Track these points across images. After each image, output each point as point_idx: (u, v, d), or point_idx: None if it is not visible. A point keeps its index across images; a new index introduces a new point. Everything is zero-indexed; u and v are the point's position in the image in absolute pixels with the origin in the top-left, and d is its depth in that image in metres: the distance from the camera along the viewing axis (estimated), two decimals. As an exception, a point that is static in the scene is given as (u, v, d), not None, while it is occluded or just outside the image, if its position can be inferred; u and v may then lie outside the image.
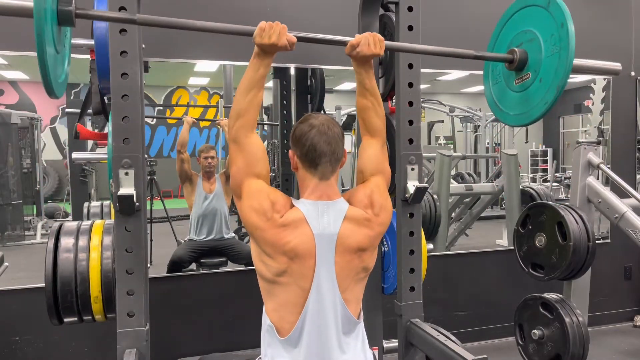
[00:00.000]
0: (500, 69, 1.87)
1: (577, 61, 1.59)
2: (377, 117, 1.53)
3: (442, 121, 6.98)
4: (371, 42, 1.46)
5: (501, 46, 1.86)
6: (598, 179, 3.11)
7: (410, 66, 1.98)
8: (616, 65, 1.89)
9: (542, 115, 1.69)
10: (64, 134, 5.44)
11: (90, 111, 2.11)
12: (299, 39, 1.43)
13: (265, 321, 1.40)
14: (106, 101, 2.06)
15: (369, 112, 1.52)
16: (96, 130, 3.04)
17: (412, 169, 1.95)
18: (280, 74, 3.65)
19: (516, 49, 1.73)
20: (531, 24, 1.72)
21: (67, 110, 4.51)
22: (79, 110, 2.28)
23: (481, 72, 2.02)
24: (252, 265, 1.41)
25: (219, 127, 3.99)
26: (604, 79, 4.03)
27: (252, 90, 1.38)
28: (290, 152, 1.44)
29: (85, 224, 1.96)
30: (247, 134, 1.38)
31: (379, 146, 1.52)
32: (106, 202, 3.61)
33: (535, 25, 1.69)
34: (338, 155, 1.41)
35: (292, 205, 1.38)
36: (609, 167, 3.37)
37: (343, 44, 1.51)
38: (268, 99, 3.96)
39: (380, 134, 1.53)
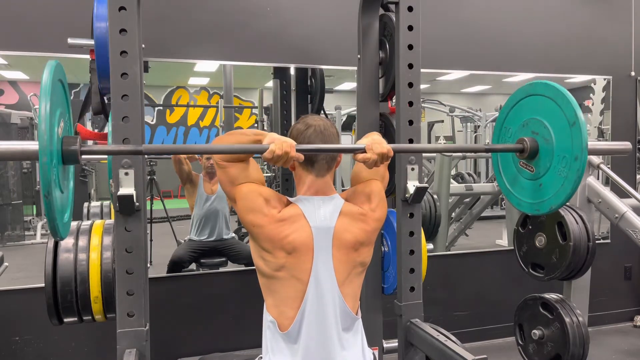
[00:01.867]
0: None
1: (590, 145, 1.48)
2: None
3: (442, 121, 6.97)
4: (379, 161, 1.42)
5: (515, 120, 1.75)
6: (598, 179, 3.11)
7: (410, 66, 1.98)
8: (625, 145, 1.84)
9: (533, 214, 1.67)
10: (64, 134, 5.41)
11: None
12: (306, 151, 1.39)
13: (267, 317, 1.42)
14: (106, 101, 2.06)
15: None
16: (96, 130, 3.04)
17: (412, 169, 1.95)
18: (280, 74, 3.65)
19: (526, 139, 1.62)
20: (550, 122, 1.58)
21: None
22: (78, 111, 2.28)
23: (481, 72, 2.01)
24: (252, 265, 1.42)
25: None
26: (604, 79, 4.03)
27: (244, 162, 1.41)
28: None
29: (85, 224, 1.97)
30: (234, 164, 1.41)
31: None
32: (106, 202, 3.61)
33: (555, 128, 1.57)
34: (334, 154, 1.45)
35: (289, 203, 1.41)
36: (609, 167, 3.37)
37: (352, 151, 1.45)
38: (268, 99, 3.96)
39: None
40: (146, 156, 2.07)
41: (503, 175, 1.81)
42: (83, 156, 1.30)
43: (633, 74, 3.95)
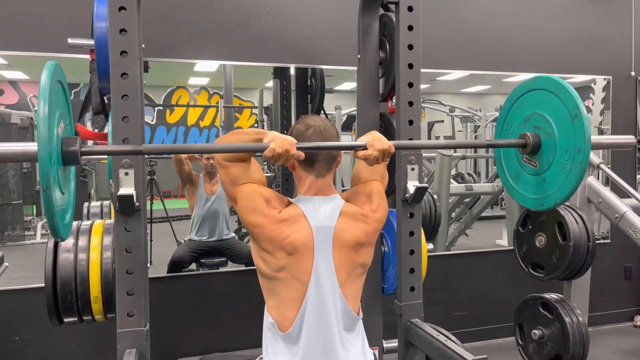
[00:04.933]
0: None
1: (593, 140, 1.48)
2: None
3: (442, 121, 6.97)
4: (380, 157, 1.42)
5: (517, 116, 1.75)
6: (598, 179, 3.11)
7: (410, 66, 1.98)
8: (629, 139, 1.85)
9: (537, 209, 1.65)
10: (64, 134, 5.41)
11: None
12: (307, 149, 1.39)
13: (267, 319, 1.41)
14: (106, 101, 2.06)
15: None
16: (96, 130, 3.04)
17: (412, 169, 1.95)
18: (280, 74, 3.65)
19: (528, 134, 1.62)
20: (552, 115, 1.58)
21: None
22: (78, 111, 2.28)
23: (481, 72, 2.01)
24: (252, 265, 1.42)
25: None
26: (604, 79, 4.03)
27: (245, 161, 1.41)
28: None
29: (85, 224, 1.97)
30: (235, 163, 1.42)
31: (379, 164, 1.53)
32: (106, 202, 3.61)
33: (557, 122, 1.56)
34: (333, 154, 1.45)
35: (289, 203, 1.41)
36: (609, 167, 3.37)
37: (353, 148, 1.46)
38: (268, 99, 3.96)
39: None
40: (146, 156, 2.07)
41: (506, 172, 1.80)
42: (83, 157, 1.30)
43: (633, 74, 3.95)
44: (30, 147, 1.21)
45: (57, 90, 1.29)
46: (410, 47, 1.98)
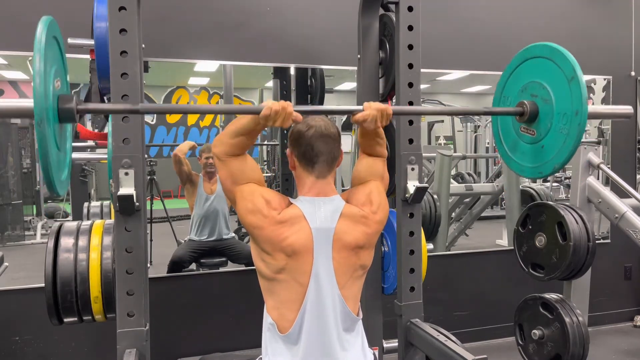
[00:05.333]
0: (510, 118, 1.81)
1: (590, 109, 1.50)
2: (381, 147, 1.56)
3: (442, 121, 6.97)
4: (379, 118, 1.44)
5: (513, 88, 1.78)
6: (598, 179, 3.11)
7: (410, 66, 1.98)
8: (627, 109, 1.87)
9: (536, 177, 1.66)
10: (64, 134, 5.41)
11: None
12: (305, 112, 1.40)
13: (267, 319, 1.41)
14: (106, 101, 2.06)
15: (375, 148, 1.55)
16: (96, 130, 3.04)
17: (412, 169, 1.95)
18: (280, 73, 3.65)
19: (526, 102, 1.64)
20: (549, 82, 1.61)
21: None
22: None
23: (481, 72, 2.02)
24: (252, 265, 1.42)
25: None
26: (604, 79, 4.03)
27: (242, 137, 1.39)
28: (288, 151, 1.47)
29: (85, 224, 1.96)
30: (233, 157, 1.41)
31: (379, 161, 1.56)
32: (106, 202, 3.61)
33: (553, 87, 1.58)
34: (335, 154, 1.44)
35: (290, 204, 1.40)
36: (609, 167, 3.37)
37: (351, 113, 1.47)
38: (268, 99, 3.97)
39: (383, 156, 1.57)
40: (147, 155, 2.06)
41: (504, 143, 1.83)
42: (79, 113, 1.29)
43: (633, 74, 3.95)
44: (26, 103, 1.19)
45: (53, 46, 1.26)
46: (410, 47, 1.98)
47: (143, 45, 1.83)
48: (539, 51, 1.64)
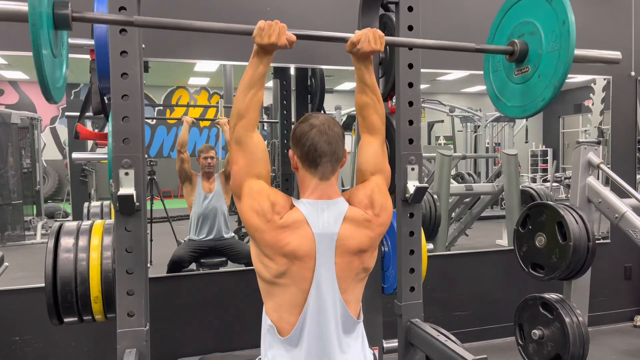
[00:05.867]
0: (500, 59, 1.87)
1: (577, 51, 1.57)
2: (376, 115, 1.51)
3: (442, 121, 6.98)
4: (371, 38, 1.46)
5: (502, 36, 1.85)
6: (598, 179, 3.11)
7: (410, 66, 1.98)
8: (615, 55, 1.90)
9: (539, 111, 1.69)
10: (64, 134, 5.43)
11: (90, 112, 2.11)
12: (299, 36, 1.42)
13: (266, 321, 1.40)
14: (106, 101, 2.06)
15: (369, 110, 1.51)
16: (96, 130, 3.04)
17: (412, 169, 1.95)
18: (280, 73, 3.65)
19: (516, 41, 1.71)
20: (533, 15, 1.68)
21: (66, 113, 4.50)
22: (77, 114, 2.28)
23: (481, 72, 2.02)
24: (252, 265, 1.40)
25: (218, 126, 4.00)
26: (604, 79, 4.03)
27: (252, 89, 1.37)
28: (290, 152, 1.43)
29: (85, 224, 1.96)
30: (249, 133, 1.37)
31: (378, 144, 1.51)
32: (106, 202, 3.61)
33: (537, 17, 1.66)
34: (338, 155, 1.40)
35: (292, 206, 1.37)
36: (609, 167, 3.37)
37: (343, 40, 1.51)
38: (268, 99, 3.96)
39: (380, 132, 1.52)
40: (147, 155, 2.06)
41: (493, 83, 1.90)
42: (74, 22, 1.31)
43: (633, 74, 3.95)
44: (21, 5, 1.20)
45: None
46: (411, 47, 1.98)
47: (143, 45, 1.83)
48: None
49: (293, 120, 3.70)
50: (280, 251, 1.31)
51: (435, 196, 4.11)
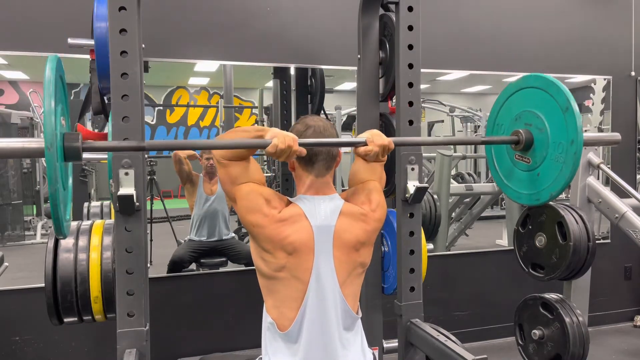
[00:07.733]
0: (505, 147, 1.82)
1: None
2: (379, 165, 1.58)
3: (442, 121, 6.97)
4: (380, 153, 1.46)
5: (507, 116, 1.79)
6: (598, 179, 3.10)
7: (410, 66, 1.98)
8: (615, 136, 1.95)
9: (533, 204, 1.69)
10: (64, 134, 5.41)
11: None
12: (308, 145, 1.40)
13: (266, 319, 1.41)
14: (106, 101, 2.06)
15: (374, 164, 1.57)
16: (96, 130, 3.04)
17: (412, 169, 1.95)
18: (280, 74, 3.65)
19: (521, 131, 1.66)
20: (543, 111, 1.62)
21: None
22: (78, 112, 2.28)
23: (481, 72, 2.02)
24: (252, 265, 1.42)
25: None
26: (604, 79, 4.03)
27: (242, 151, 1.38)
28: None
29: (85, 224, 1.96)
30: (234, 162, 1.41)
31: (377, 164, 1.56)
32: (106, 202, 3.60)
33: (548, 117, 1.60)
34: (333, 153, 1.45)
35: (289, 203, 1.41)
36: (609, 167, 3.37)
37: (352, 145, 1.49)
38: (268, 99, 3.96)
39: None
40: (147, 155, 2.06)
41: (498, 170, 1.84)
42: (84, 154, 1.29)
43: (633, 74, 3.95)
44: (33, 143, 1.20)
45: (59, 85, 1.28)
46: (410, 47, 1.98)
47: (143, 45, 1.83)
48: (532, 82, 1.65)
49: (293, 120, 3.70)
50: (280, 244, 1.34)
51: (435, 196, 4.11)
